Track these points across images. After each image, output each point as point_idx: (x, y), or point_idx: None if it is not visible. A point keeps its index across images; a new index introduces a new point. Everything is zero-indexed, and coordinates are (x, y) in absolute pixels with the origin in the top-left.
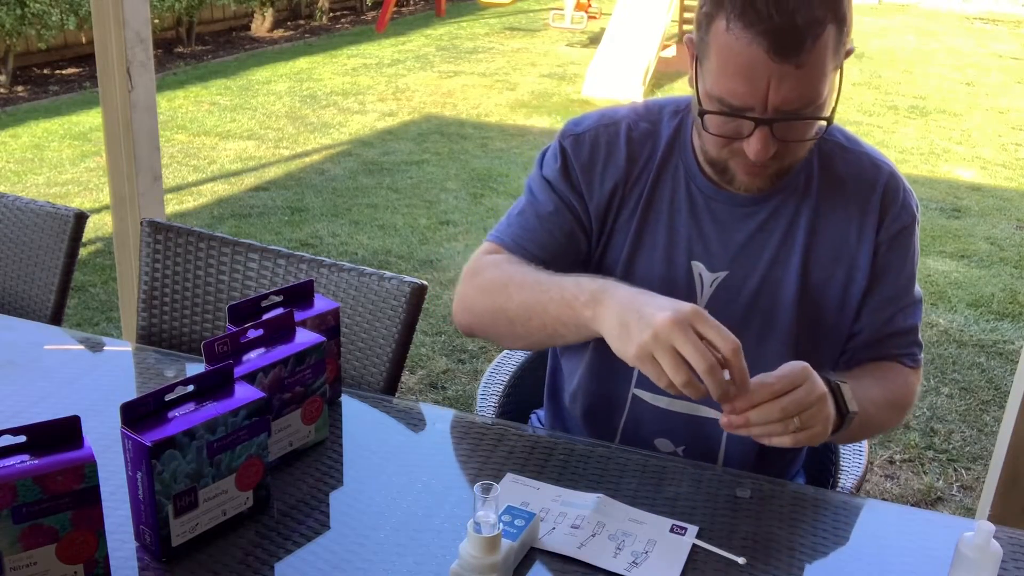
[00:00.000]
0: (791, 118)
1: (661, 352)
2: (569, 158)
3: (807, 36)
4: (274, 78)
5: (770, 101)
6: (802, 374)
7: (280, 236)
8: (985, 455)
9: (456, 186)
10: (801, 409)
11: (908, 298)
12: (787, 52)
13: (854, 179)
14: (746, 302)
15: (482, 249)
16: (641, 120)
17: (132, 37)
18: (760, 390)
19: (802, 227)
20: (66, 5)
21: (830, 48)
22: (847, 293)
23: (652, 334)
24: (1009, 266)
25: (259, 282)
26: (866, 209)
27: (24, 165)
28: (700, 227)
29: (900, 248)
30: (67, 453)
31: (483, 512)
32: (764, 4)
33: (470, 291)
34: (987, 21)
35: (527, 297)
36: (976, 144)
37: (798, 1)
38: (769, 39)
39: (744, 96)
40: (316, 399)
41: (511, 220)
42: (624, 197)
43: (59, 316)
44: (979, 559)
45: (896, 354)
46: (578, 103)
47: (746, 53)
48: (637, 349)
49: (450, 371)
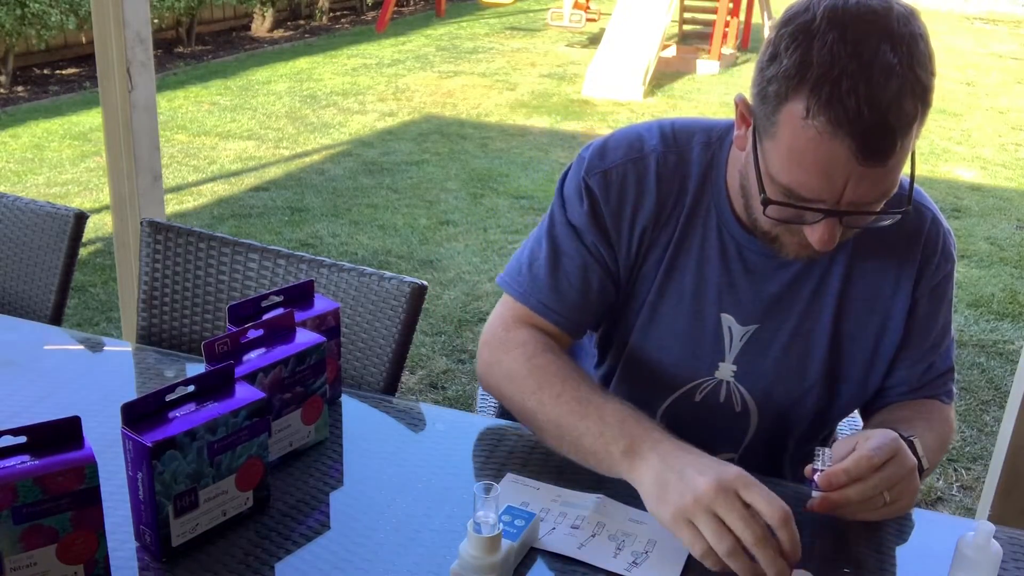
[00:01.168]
0: (865, 212)
1: (702, 519)
2: (597, 201)
3: (899, 137)
4: (274, 78)
5: (845, 197)
6: (894, 445)
7: (280, 236)
8: (985, 455)
9: (456, 186)
10: (894, 484)
11: (946, 342)
12: (876, 155)
13: (894, 228)
14: (776, 355)
15: (505, 308)
16: (670, 152)
17: (132, 37)
18: (859, 463)
19: (836, 277)
20: (66, 5)
21: (914, 138)
22: (879, 344)
23: (693, 499)
24: (1009, 266)
25: (259, 282)
26: (905, 259)
27: (24, 165)
28: (731, 277)
29: (939, 298)
30: (67, 453)
31: (483, 512)
32: (854, 99)
33: (496, 372)
34: (987, 21)
35: (561, 416)
36: (976, 144)
37: (892, 96)
38: (858, 141)
39: (818, 191)
40: (316, 399)
41: (535, 275)
42: (653, 241)
43: (59, 316)
44: (979, 559)
45: (936, 393)
46: (578, 103)
47: (827, 149)
48: (675, 511)
49: (450, 371)
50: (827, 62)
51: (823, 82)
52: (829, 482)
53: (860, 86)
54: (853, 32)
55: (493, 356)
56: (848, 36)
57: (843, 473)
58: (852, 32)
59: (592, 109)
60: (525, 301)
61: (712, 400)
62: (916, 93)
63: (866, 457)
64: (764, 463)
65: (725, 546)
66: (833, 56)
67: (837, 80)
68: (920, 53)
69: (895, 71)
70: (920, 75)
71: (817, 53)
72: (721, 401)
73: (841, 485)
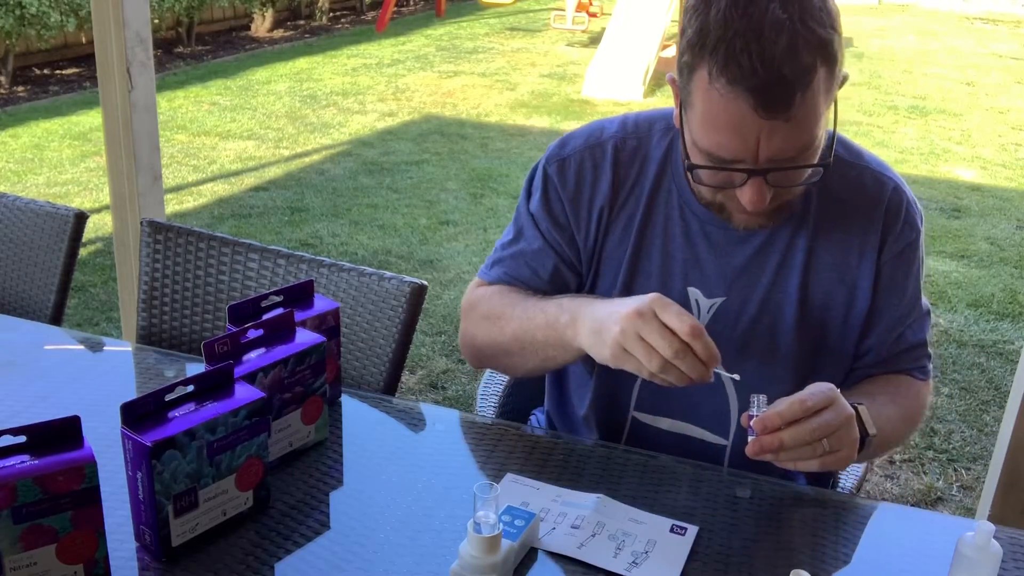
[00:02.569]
0: (784, 167)
1: (632, 344)
2: (553, 188)
3: (796, 88)
4: (274, 78)
5: (761, 154)
6: (830, 395)
7: (280, 236)
8: (985, 455)
9: (456, 186)
10: (830, 431)
11: (915, 313)
12: (776, 108)
13: (855, 197)
14: (745, 327)
15: (473, 284)
16: (629, 137)
17: (132, 37)
18: (792, 406)
19: (801, 249)
20: (66, 5)
21: (821, 92)
22: (849, 314)
23: (619, 330)
24: (1009, 266)
25: (259, 282)
26: (868, 228)
27: (24, 165)
28: (696, 252)
29: (904, 266)
30: (67, 453)
31: (483, 512)
32: (748, 58)
33: (469, 327)
34: (987, 21)
35: (516, 328)
36: (976, 144)
37: (784, 51)
38: (756, 96)
39: (733, 150)
40: (316, 399)
41: (498, 256)
42: (611, 221)
43: (59, 316)
44: (979, 559)
45: (907, 368)
46: (578, 103)
47: (732, 109)
48: (611, 349)
49: (450, 371)
50: (721, 25)
51: (719, 45)
52: (763, 425)
53: (752, 44)
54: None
55: (464, 320)
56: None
57: (776, 416)
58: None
59: (592, 109)
60: (485, 275)
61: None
62: (812, 45)
63: (799, 400)
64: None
65: (656, 364)
66: (726, 19)
67: (731, 41)
68: (812, 7)
69: (785, 26)
70: (814, 28)
71: (713, 19)
72: None
73: (775, 428)
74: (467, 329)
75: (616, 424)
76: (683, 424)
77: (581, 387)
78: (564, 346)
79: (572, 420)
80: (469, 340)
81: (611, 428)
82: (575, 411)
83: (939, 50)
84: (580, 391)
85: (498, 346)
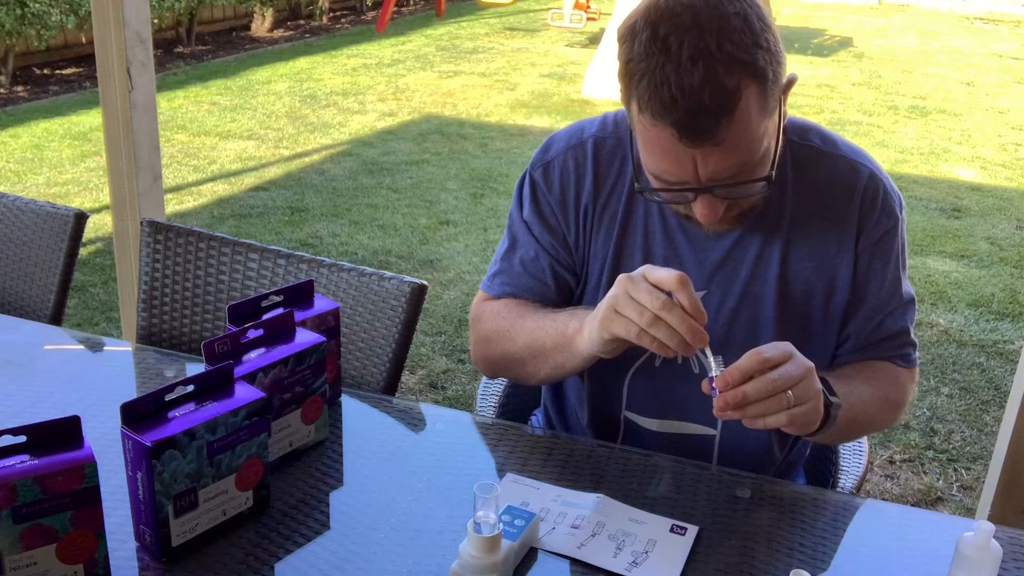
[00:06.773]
0: (728, 184)
1: (623, 304)
2: (541, 193)
3: (721, 115)
4: (274, 78)
5: (701, 175)
6: (787, 349)
7: (280, 236)
8: (985, 455)
9: (456, 186)
10: (793, 383)
11: (896, 301)
12: (700, 136)
13: (830, 186)
14: (727, 320)
15: (479, 298)
16: (609, 136)
17: (132, 37)
18: (749, 358)
19: (778, 240)
20: (66, 5)
21: (754, 111)
22: (829, 304)
23: (611, 295)
24: (1009, 266)
25: (259, 282)
26: (845, 217)
27: (24, 165)
28: (676, 248)
29: (883, 254)
30: (67, 453)
31: (483, 512)
32: (668, 90)
33: (479, 341)
34: (987, 21)
35: (527, 338)
36: (976, 144)
37: (702, 80)
38: (679, 129)
39: (675, 174)
40: (316, 399)
41: (499, 268)
42: (596, 219)
43: (59, 316)
44: (979, 559)
45: (888, 356)
46: (578, 103)
47: (662, 138)
48: (603, 314)
49: (450, 371)
50: (644, 58)
51: (643, 78)
52: (725, 381)
53: (671, 76)
54: (664, 27)
55: (473, 333)
56: (659, 32)
57: (736, 370)
58: (663, 28)
59: (592, 109)
60: (488, 288)
61: (672, 364)
62: (733, 70)
63: (755, 353)
64: (751, 443)
65: (646, 318)
66: (647, 52)
67: (653, 74)
68: (732, 30)
69: (702, 54)
70: (732, 53)
71: (636, 52)
72: (680, 363)
73: (737, 383)
74: (476, 343)
75: (611, 425)
76: (673, 423)
77: (577, 389)
78: (572, 352)
79: (571, 421)
80: (480, 354)
81: (607, 429)
82: (573, 412)
83: (939, 50)
84: (577, 393)
85: (510, 357)
